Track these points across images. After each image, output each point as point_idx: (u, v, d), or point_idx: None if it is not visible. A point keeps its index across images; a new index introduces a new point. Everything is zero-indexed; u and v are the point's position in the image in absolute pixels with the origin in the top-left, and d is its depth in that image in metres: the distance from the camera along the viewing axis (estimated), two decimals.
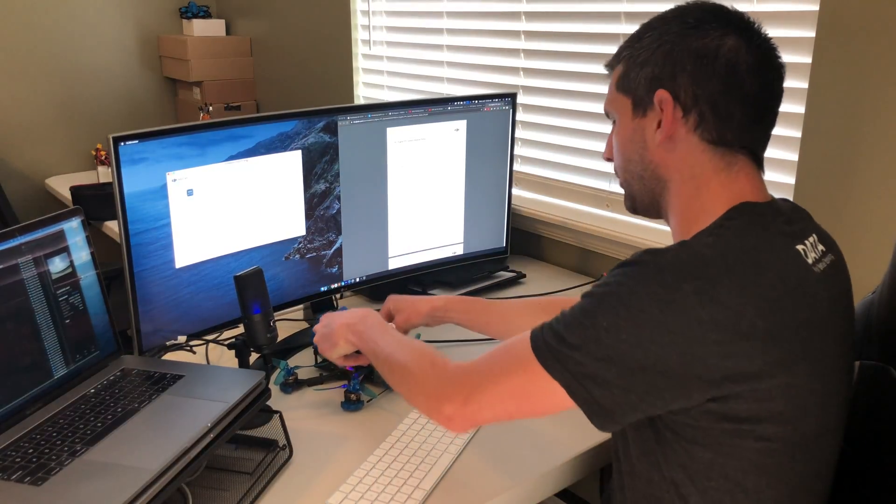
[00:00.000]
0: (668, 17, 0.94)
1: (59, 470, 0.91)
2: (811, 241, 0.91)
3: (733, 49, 0.88)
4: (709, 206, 0.91)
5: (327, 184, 1.55)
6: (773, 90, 0.92)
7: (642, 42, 0.94)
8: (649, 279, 0.80)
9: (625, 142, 0.98)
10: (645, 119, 0.94)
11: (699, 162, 0.91)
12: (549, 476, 1.15)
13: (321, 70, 2.80)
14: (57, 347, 1.09)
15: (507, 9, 2.04)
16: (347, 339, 1.17)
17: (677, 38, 0.90)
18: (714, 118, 0.89)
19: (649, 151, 0.95)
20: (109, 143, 1.23)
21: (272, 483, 1.10)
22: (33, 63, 3.06)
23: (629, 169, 0.99)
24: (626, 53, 0.96)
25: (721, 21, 0.90)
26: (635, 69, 0.94)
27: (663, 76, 0.91)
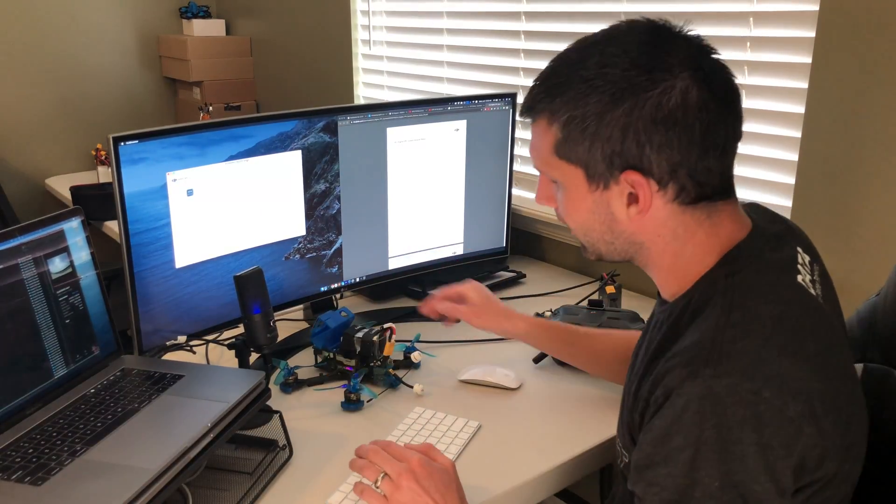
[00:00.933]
0: (605, 65, 0.80)
1: (59, 470, 0.91)
2: (802, 261, 0.89)
3: (699, 103, 0.78)
4: (698, 258, 0.86)
5: (327, 184, 1.55)
6: (740, 122, 0.84)
7: (584, 105, 0.80)
8: (727, 404, 0.73)
9: (582, 211, 0.87)
10: (608, 192, 0.84)
11: (681, 223, 0.85)
12: (549, 476, 1.15)
13: (321, 70, 2.80)
14: (57, 347, 1.09)
15: (507, 9, 2.04)
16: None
17: (631, 103, 0.78)
18: (693, 183, 0.82)
19: (619, 223, 0.86)
20: (109, 143, 1.23)
21: (272, 483, 1.10)
22: (33, 63, 3.06)
23: (591, 235, 0.90)
24: (562, 114, 0.82)
25: (670, 61, 0.79)
26: (583, 140, 0.82)
27: (627, 154, 0.80)
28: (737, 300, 0.80)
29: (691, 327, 0.82)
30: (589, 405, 1.30)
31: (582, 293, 1.75)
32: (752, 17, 1.53)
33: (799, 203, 1.47)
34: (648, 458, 0.78)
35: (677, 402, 0.76)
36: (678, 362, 0.78)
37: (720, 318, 0.79)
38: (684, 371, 0.77)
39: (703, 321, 0.81)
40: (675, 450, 0.75)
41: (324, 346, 1.38)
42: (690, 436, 0.74)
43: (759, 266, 0.84)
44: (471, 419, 1.24)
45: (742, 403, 0.73)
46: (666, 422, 0.76)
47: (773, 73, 1.51)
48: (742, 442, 0.73)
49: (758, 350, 0.76)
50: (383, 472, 0.96)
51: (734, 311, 0.79)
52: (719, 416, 0.73)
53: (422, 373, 1.41)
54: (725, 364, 0.75)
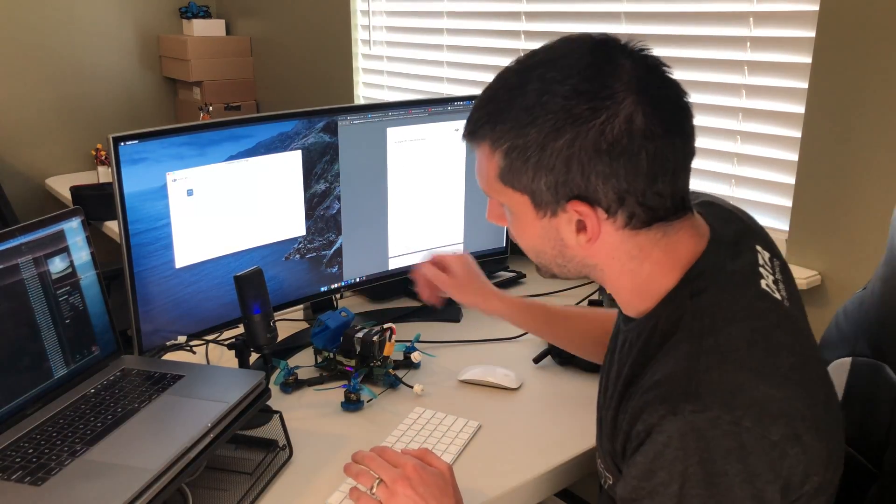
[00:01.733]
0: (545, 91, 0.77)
1: (59, 470, 0.91)
2: (762, 262, 0.87)
3: (644, 129, 0.75)
4: (657, 277, 0.83)
5: (327, 184, 1.55)
6: (691, 139, 0.81)
7: (524, 135, 0.78)
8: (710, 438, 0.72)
9: (532, 237, 0.85)
10: (556, 219, 0.82)
11: (634, 245, 0.82)
12: (549, 476, 1.15)
13: (321, 70, 2.80)
14: (57, 347, 1.09)
15: (507, 9, 2.04)
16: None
17: (573, 133, 0.75)
18: (643, 209, 0.79)
19: (570, 248, 0.84)
20: (109, 143, 1.23)
21: (272, 483, 1.10)
22: (33, 63, 3.06)
23: (542, 258, 0.88)
24: (503, 142, 0.80)
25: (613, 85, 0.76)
26: (526, 170, 0.79)
27: (572, 184, 0.78)
28: (706, 325, 0.79)
29: (661, 353, 0.81)
30: (589, 405, 1.30)
31: (582, 293, 1.75)
32: (752, 17, 1.53)
33: (799, 203, 1.47)
34: (634, 491, 0.77)
35: (658, 439, 0.74)
36: (655, 397, 0.77)
37: (692, 346, 0.78)
38: (662, 407, 0.75)
39: (674, 348, 0.79)
40: (660, 485, 0.75)
41: (324, 346, 1.38)
42: (674, 471, 0.73)
43: (721, 281, 0.82)
44: (471, 419, 1.24)
45: (725, 436, 0.72)
46: (648, 458, 0.75)
47: (773, 73, 1.52)
48: (727, 474, 0.72)
49: (734, 378, 0.75)
50: (379, 479, 0.96)
51: (705, 338, 0.78)
52: (703, 450, 0.72)
53: (422, 373, 1.41)
54: (704, 398, 0.74)
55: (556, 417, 1.27)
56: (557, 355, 1.42)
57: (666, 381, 0.77)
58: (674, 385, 0.76)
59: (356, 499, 0.95)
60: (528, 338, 1.53)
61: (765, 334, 0.79)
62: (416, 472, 0.95)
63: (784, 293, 0.86)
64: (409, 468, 0.95)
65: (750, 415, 0.73)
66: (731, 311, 0.80)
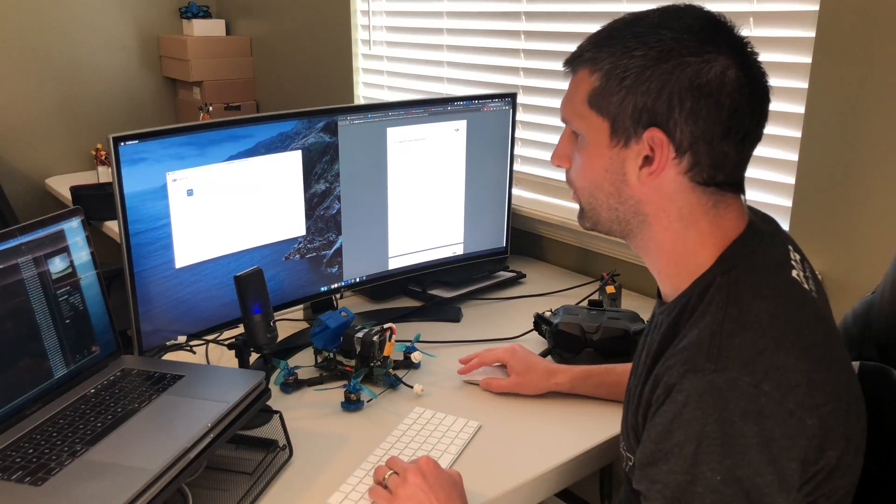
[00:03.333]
0: (660, 26, 0.82)
1: (59, 470, 0.91)
2: (794, 259, 0.89)
3: (735, 84, 0.80)
4: (697, 249, 0.86)
5: (327, 184, 1.55)
6: (764, 121, 0.86)
7: (629, 57, 0.82)
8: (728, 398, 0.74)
9: (596, 168, 0.87)
10: (627, 150, 0.84)
11: (688, 202, 0.85)
12: (549, 476, 1.15)
13: (321, 70, 2.80)
14: (57, 347, 1.09)
15: (507, 9, 2.04)
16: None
17: (675, 63, 0.80)
18: (709, 161, 0.82)
19: (629, 186, 0.86)
20: (109, 143, 1.23)
21: (272, 483, 1.10)
22: (33, 63, 3.06)
23: (597, 196, 0.89)
24: (606, 64, 0.83)
25: (719, 41, 0.81)
26: (618, 91, 0.82)
27: (657, 111, 0.81)
28: (732, 296, 0.81)
29: (689, 325, 0.83)
30: (589, 405, 1.30)
31: (582, 293, 1.75)
32: (752, 17, 1.53)
33: (799, 203, 1.47)
34: (651, 455, 0.78)
35: (678, 398, 0.76)
36: (678, 360, 0.79)
37: (717, 313, 0.80)
38: (683, 368, 0.77)
39: (700, 318, 0.82)
40: (676, 446, 0.76)
41: (324, 346, 1.38)
42: (691, 431, 0.75)
43: (753, 262, 0.85)
44: (471, 419, 1.24)
45: (743, 397, 0.74)
46: (667, 418, 0.77)
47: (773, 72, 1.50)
48: (744, 435, 0.73)
49: (755, 343, 0.77)
50: (391, 471, 1.00)
51: (730, 307, 0.80)
52: (721, 409, 0.74)
53: (422, 373, 1.41)
54: (725, 359, 0.76)
55: (556, 417, 1.27)
56: (558, 355, 1.42)
57: (689, 346, 0.79)
58: (696, 349, 0.78)
59: (369, 491, 1.00)
60: (528, 338, 1.53)
61: (788, 311, 0.81)
62: (428, 465, 0.99)
63: (813, 289, 0.88)
64: (422, 461, 0.99)
65: (769, 379, 0.74)
66: (757, 288, 0.82)
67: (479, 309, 1.71)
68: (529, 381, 1.31)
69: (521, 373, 1.32)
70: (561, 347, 1.42)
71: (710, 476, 0.74)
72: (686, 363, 0.77)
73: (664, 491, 0.77)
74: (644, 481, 0.80)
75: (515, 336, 1.54)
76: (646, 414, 0.84)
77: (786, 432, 0.74)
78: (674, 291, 0.89)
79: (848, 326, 1.05)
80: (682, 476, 0.75)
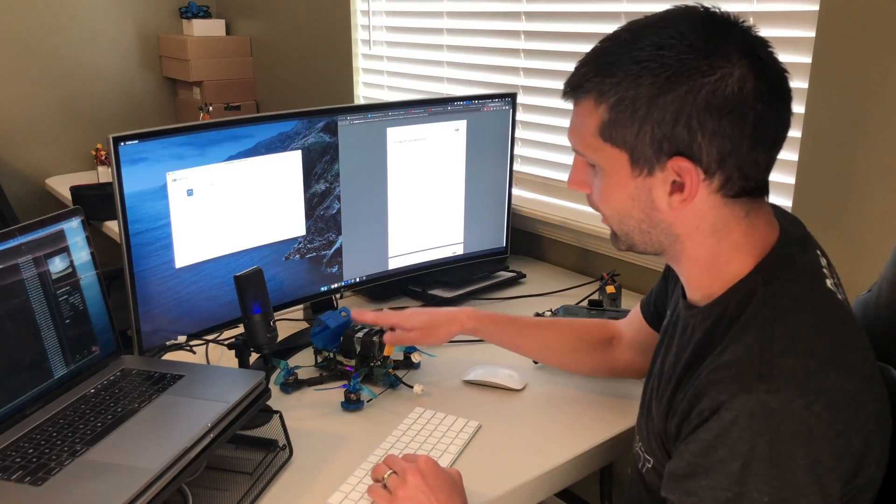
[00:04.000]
0: (661, 47, 0.77)
1: (59, 470, 0.91)
2: (824, 265, 0.89)
3: (755, 94, 0.77)
4: (733, 259, 0.84)
5: (327, 184, 1.55)
6: (790, 118, 0.83)
7: (637, 86, 0.78)
8: (780, 419, 0.73)
9: (621, 198, 0.84)
10: (652, 178, 0.81)
11: (720, 217, 0.83)
12: (549, 476, 1.15)
13: (321, 70, 2.80)
14: (57, 347, 1.09)
15: (507, 9, 2.04)
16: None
17: (688, 87, 0.76)
18: (739, 174, 0.80)
19: (659, 212, 0.83)
20: (109, 143, 1.23)
21: (272, 483, 1.10)
22: (33, 63, 3.06)
23: (628, 223, 0.86)
24: (612, 95, 0.79)
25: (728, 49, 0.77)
26: (632, 123, 0.79)
27: (678, 139, 0.78)
28: (778, 312, 0.80)
29: (730, 337, 0.81)
30: (589, 405, 1.30)
31: (582, 293, 1.75)
32: (752, 17, 1.53)
33: (799, 203, 1.47)
34: (689, 467, 0.78)
35: (726, 416, 0.75)
36: (726, 376, 0.77)
37: (764, 330, 0.79)
38: (734, 386, 0.76)
39: (744, 332, 0.80)
40: (718, 462, 0.75)
41: (324, 346, 1.38)
42: (738, 450, 0.74)
43: (792, 272, 0.83)
44: (471, 419, 1.24)
45: (795, 419, 0.73)
46: (712, 434, 0.76)
47: None
48: (794, 457, 0.72)
49: (806, 364, 0.76)
50: (391, 471, 1.00)
51: (777, 324, 0.79)
52: (773, 431, 0.73)
53: (422, 373, 1.41)
54: (777, 379, 0.75)
55: (556, 417, 1.27)
56: None
57: (737, 363, 0.78)
58: (746, 366, 0.77)
59: (368, 490, 0.99)
60: None
61: (833, 327, 0.80)
62: (427, 465, 0.98)
63: (843, 296, 0.88)
64: (421, 461, 0.99)
65: (821, 401, 0.74)
66: (801, 302, 0.81)
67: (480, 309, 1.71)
68: (431, 330, 1.29)
69: (420, 326, 1.29)
70: None
71: (757, 497, 0.73)
72: (736, 381, 0.76)
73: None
74: (677, 492, 0.79)
75: None
76: (680, 424, 0.83)
77: (833, 453, 0.74)
78: (705, 298, 0.87)
79: None
80: (723, 492, 0.75)
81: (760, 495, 0.73)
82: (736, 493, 0.74)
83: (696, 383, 0.81)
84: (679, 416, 0.84)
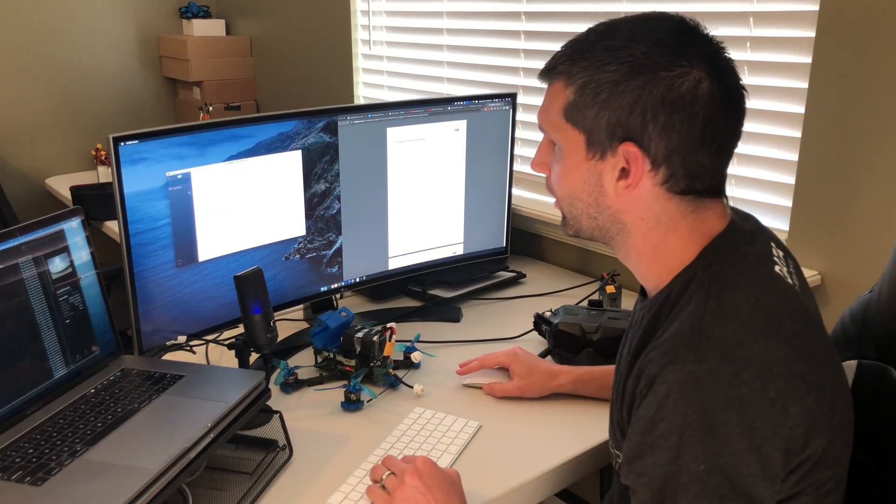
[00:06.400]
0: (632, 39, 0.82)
1: (59, 470, 0.91)
2: (776, 254, 0.90)
3: (708, 97, 0.81)
4: (678, 251, 0.87)
5: (327, 184, 1.55)
6: (741, 125, 0.86)
7: (602, 72, 0.82)
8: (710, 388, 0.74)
9: (574, 180, 0.88)
10: (603, 163, 0.85)
11: (665, 210, 0.85)
12: (549, 476, 1.15)
13: (321, 70, 2.80)
14: (57, 347, 1.09)
15: (507, 9, 2.04)
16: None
17: (646, 78, 0.80)
18: (684, 172, 0.83)
19: (606, 197, 0.87)
20: (109, 143, 1.23)
21: (272, 483, 1.10)
22: (33, 63, 3.06)
23: (577, 205, 0.90)
24: (580, 78, 0.84)
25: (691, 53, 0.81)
26: (593, 105, 0.83)
27: (631, 126, 0.82)
28: (713, 289, 0.82)
29: (670, 319, 0.84)
30: (589, 405, 1.30)
31: (582, 293, 1.75)
32: (752, 17, 1.53)
33: (799, 203, 1.47)
34: (637, 448, 0.79)
35: (660, 389, 0.77)
36: (659, 352, 0.80)
37: (698, 306, 0.81)
38: (664, 359, 0.78)
39: (681, 311, 0.83)
40: (660, 437, 0.76)
41: (324, 346, 1.38)
42: (674, 422, 0.75)
43: (734, 257, 0.85)
44: (471, 419, 1.24)
45: (724, 386, 0.74)
46: (651, 410, 0.77)
47: (773, 73, 1.51)
48: (727, 424, 0.74)
49: (735, 334, 0.78)
50: (389, 471, 1.00)
51: (711, 300, 0.81)
52: (702, 400, 0.74)
53: (422, 373, 1.41)
54: (705, 349, 0.77)
55: (556, 417, 1.27)
56: (558, 356, 1.42)
57: (671, 339, 0.80)
58: (677, 340, 0.79)
59: (366, 490, 1.00)
60: (528, 338, 1.53)
61: (769, 303, 0.82)
62: (425, 465, 0.99)
63: (797, 283, 0.89)
64: (419, 462, 0.99)
65: (750, 368, 0.75)
66: (737, 281, 0.83)
67: (479, 309, 1.71)
68: (532, 384, 1.31)
69: (524, 376, 1.32)
70: (561, 347, 1.42)
71: (694, 466, 0.74)
72: (667, 355, 0.78)
73: (650, 483, 0.77)
74: (631, 475, 0.80)
75: (515, 336, 1.54)
76: (630, 408, 0.85)
77: (768, 421, 0.74)
78: (654, 289, 0.90)
79: (846, 326, 1.05)
80: (667, 468, 0.76)
81: (696, 464, 0.74)
82: (677, 466, 0.75)
83: (638, 366, 0.84)
84: (628, 402, 0.86)
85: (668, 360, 0.77)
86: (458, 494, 0.99)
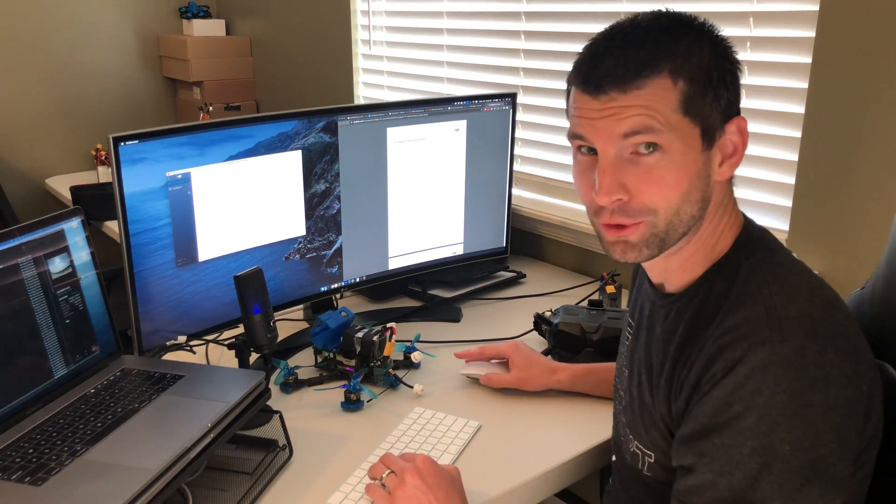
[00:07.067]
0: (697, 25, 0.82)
1: (59, 470, 0.91)
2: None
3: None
4: (723, 235, 0.86)
5: (327, 184, 1.55)
6: None
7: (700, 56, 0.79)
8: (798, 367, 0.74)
9: (689, 179, 0.80)
10: (713, 150, 0.82)
11: (726, 190, 0.86)
12: (549, 476, 1.15)
13: (321, 70, 2.80)
14: (57, 347, 1.09)
15: (507, 9, 2.04)
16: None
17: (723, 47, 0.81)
18: None
19: (710, 187, 0.83)
20: (109, 143, 1.23)
21: (272, 483, 1.10)
22: (33, 63, 3.06)
23: (684, 210, 0.81)
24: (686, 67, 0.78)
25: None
26: (708, 92, 0.79)
27: (734, 101, 0.82)
28: (769, 276, 0.82)
29: (725, 310, 0.82)
30: (589, 405, 1.30)
31: (582, 293, 1.75)
32: (752, 17, 1.53)
33: (799, 203, 1.47)
34: (702, 428, 0.78)
35: (741, 370, 0.76)
36: (736, 336, 0.78)
37: (761, 293, 0.80)
38: (746, 342, 0.77)
39: (741, 300, 0.81)
40: (733, 418, 0.75)
41: (324, 346, 1.38)
42: (754, 402, 0.74)
43: (772, 244, 0.86)
44: (471, 419, 1.24)
45: (813, 365, 0.74)
46: (725, 391, 0.76)
47: (773, 73, 1.51)
48: (812, 404, 0.73)
49: (810, 313, 0.77)
50: (389, 470, 1.00)
51: (771, 285, 0.81)
52: (791, 379, 0.74)
53: (422, 373, 1.41)
54: (787, 329, 0.76)
55: (557, 417, 1.27)
56: (558, 355, 1.42)
57: (745, 323, 0.78)
58: (754, 324, 0.78)
59: (366, 489, 1.00)
60: (528, 338, 1.53)
61: (821, 285, 0.83)
62: (426, 464, 0.99)
63: None
64: (419, 460, 0.99)
65: (831, 347, 0.75)
66: (786, 267, 0.83)
67: (479, 309, 1.71)
68: (531, 376, 1.31)
69: (523, 368, 1.31)
70: (561, 347, 1.42)
71: (780, 446, 0.73)
72: (747, 338, 0.77)
73: (712, 465, 0.76)
74: (690, 455, 0.79)
75: (515, 336, 1.54)
76: (689, 398, 0.83)
77: (846, 399, 0.74)
78: (683, 283, 0.88)
79: None
80: (737, 449, 0.75)
81: (782, 444, 0.73)
82: (755, 446, 0.74)
83: (701, 355, 0.81)
84: (687, 390, 0.83)
85: (751, 343, 0.76)
86: (458, 492, 0.99)
